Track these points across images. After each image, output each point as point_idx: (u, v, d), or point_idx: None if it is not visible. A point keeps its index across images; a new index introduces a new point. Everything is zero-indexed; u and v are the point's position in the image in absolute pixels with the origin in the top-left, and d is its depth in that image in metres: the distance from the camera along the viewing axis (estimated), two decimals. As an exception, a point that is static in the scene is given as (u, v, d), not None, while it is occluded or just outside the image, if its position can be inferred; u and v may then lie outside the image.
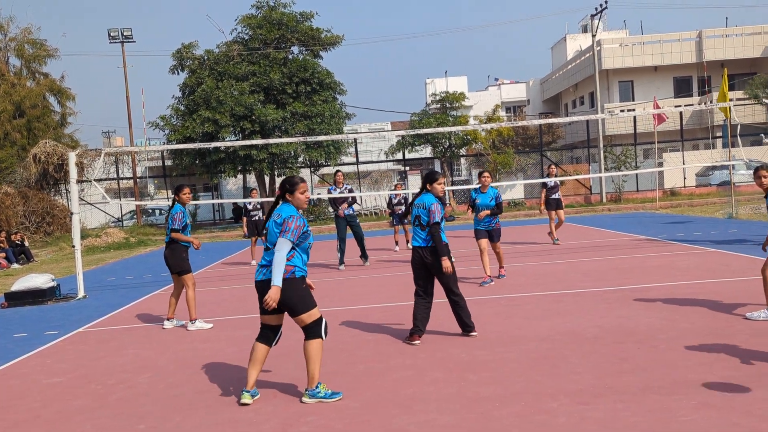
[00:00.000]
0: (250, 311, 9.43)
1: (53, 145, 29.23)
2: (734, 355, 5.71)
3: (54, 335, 8.74)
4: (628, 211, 26.35)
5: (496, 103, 40.53)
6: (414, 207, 7.05)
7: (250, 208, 15.70)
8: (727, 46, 42.43)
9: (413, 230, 7.01)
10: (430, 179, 7.05)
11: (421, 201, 6.97)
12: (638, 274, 10.32)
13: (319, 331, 5.23)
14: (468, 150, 34.08)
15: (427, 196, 6.97)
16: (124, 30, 33.21)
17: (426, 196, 6.99)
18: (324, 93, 29.39)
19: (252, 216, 15.68)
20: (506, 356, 6.17)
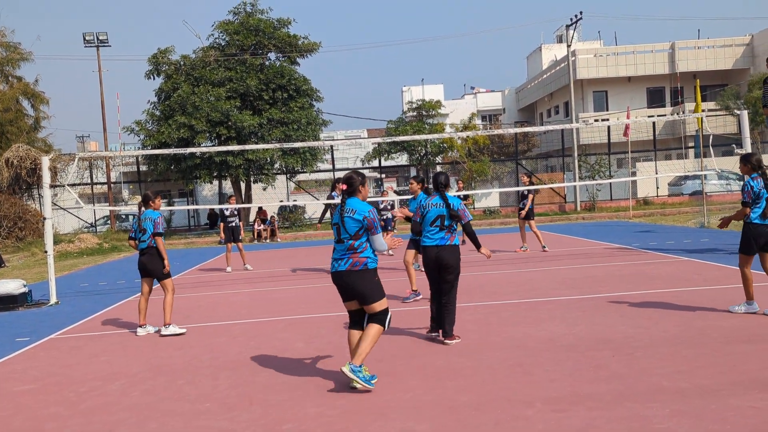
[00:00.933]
0: (224, 318, 9.36)
1: (26, 149, 28.77)
2: (708, 362, 5.78)
3: (25, 342, 8.59)
4: (602, 220, 26.61)
5: (472, 111, 40.84)
6: (433, 207, 7.19)
7: (227, 214, 15.57)
8: (699, 57, 43.19)
9: (427, 230, 7.17)
10: (446, 183, 7.41)
11: (438, 201, 7.20)
12: (612, 282, 10.42)
13: (384, 319, 5.74)
14: (444, 158, 34.23)
15: (453, 198, 7.24)
16: (99, 34, 32.89)
17: (451, 198, 7.24)
18: (301, 100, 29.34)
19: (229, 222, 15.54)
20: (483, 363, 6.19)
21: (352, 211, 5.64)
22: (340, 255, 5.70)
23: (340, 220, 5.70)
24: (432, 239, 7.15)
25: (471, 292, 10.28)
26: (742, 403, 4.74)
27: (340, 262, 5.68)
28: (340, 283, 5.70)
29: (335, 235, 5.76)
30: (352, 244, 5.63)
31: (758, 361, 5.71)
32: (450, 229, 7.15)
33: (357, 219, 5.60)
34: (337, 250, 5.74)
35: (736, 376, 5.35)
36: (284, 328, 8.37)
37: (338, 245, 5.73)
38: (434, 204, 7.21)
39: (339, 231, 5.71)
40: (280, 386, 5.87)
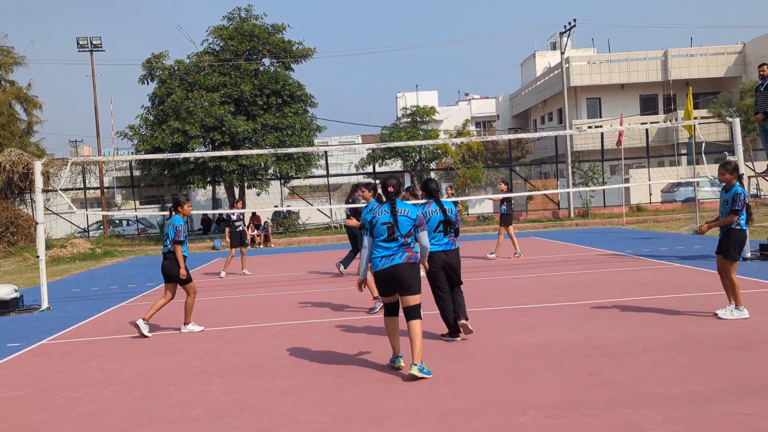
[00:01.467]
0: (216, 323, 9.33)
1: (19, 153, 28.66)
2: (700, 369, 5.79)
3: (16, 347, 8.53)
4: (596, 226, 26.68)
5: (466, 117, 40.87)
6: (434, 214, 7.34)
7: (234, 219, 15.59)
8: (691, 65, 43.44)
9: (433, 237, 7.25)
10: (438, 188, 7.66)
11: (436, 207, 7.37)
12: (605, 288, 10.44)
13: (420, 312, 6.23)
14: (438, 164, 34.27)
15: (448, 203, 7.48)
16: (93, 38, 32.82)
17: (446, 203, 7.47)
18: (295, 105, 29.34)
19: (236, 227, 15.57)
20: (476, 369, 6.18)
21: (405, 211, 6.19)
22: (393, 251, 6.14)
23: (393, 219, 6.15)
24: (438, 245, 7.30)
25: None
26: (734, 409, 4.75)
27: (394, 257, 6.11)
28: (394, 275, 6.09)
29: (384, 233, 6.14)
30: (405, 241, 6.17)
31: (750, 368, 5.72)
32: (453, 233, 7.42)
33: (411, 218, 6.19)
34: (386, 248, 6.15)
35: (728, 383, 5.36)
36: (277, 334, 8.35)
37: (389, 243, 6.16)
38: (434, 210, 7.34)
39: (391, 230, 6.14)
40: (273, 392, 5.85)
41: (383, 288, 6.25)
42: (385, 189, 6.30)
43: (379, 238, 6.18)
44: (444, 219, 7.31)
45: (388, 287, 6.21)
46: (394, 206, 6.20)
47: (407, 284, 6.13)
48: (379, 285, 6.26)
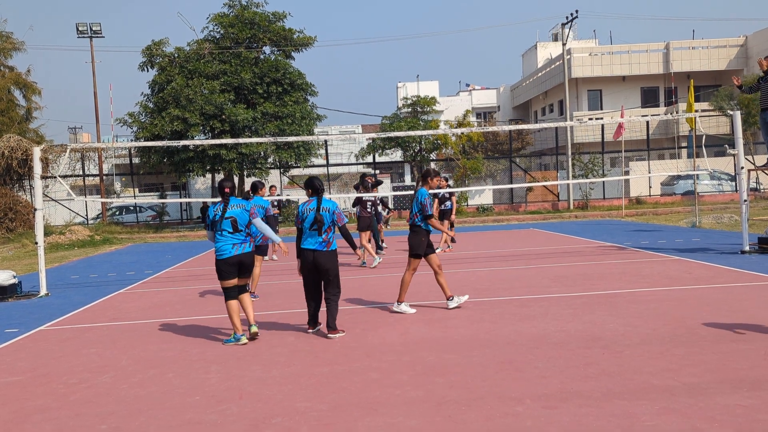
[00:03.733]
0: (215, 311, 9.34)
1: (17, 139, 28.61)
2: (697, 361, 5.80)
3: (14, 333, 8.55)
4: (595, 219, 26.69)
5: (466, 108, 40.78)
6: (311, 212, 7.36)
7: None
8: (693, 58, 43.33)
9: (309, 233, 7.35)
10: (321, 188, 7.59)
11: (314, 206, 7.38)
12: (604, 280, 10.45)
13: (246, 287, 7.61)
14: (438, 154, 34.24)
15: (328, 202, 7.51)
16: (92, 25, 32.68)
17: (328, 202, 7.50)
18: (295, 94, 29.28)
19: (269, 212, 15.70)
20: (473, 360, 6.19)
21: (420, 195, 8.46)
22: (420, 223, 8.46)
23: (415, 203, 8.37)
24: (311, 244, 7.32)
25: (462, 289, 10.29)
26: (730, 401, 4.76)
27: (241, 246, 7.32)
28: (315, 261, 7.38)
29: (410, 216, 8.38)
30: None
31: (747, 360, 5.74)
32: (328, 234, 7.35)
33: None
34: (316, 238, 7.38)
35: (724, 375, 5.37)
36: (275, 322, 8.36)
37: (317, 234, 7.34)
38: (311, 209, 7.37)
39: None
40: (270, 380, 5.86)
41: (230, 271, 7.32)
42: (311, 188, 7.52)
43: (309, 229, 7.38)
44: (315, 218, 7.28)
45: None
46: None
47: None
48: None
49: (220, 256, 7.22)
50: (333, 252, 7.37)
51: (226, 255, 7.20)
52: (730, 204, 27.62)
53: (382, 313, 8.67)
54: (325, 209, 7.33)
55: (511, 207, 32.38)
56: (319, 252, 7.29)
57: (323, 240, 7.28)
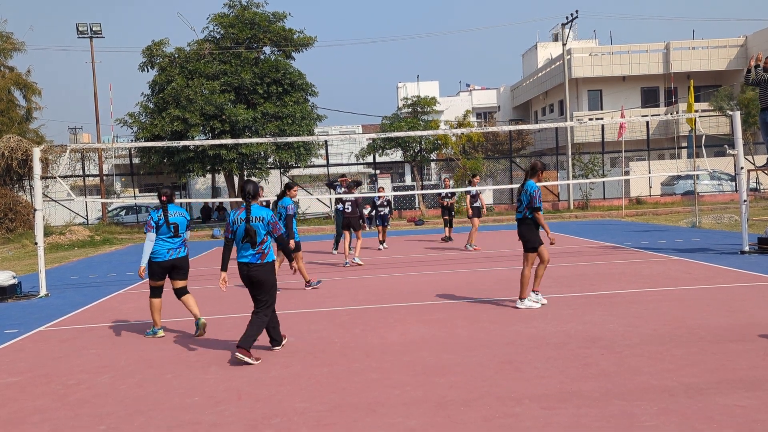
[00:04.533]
0: (214, 312, 9.35)
1: (17, 140, 28.61)
2: (696, 361, 5.79)
3: (14, 333, 8.55)
4: (595, 219, 26.68)
5: (467, 108, 40.78)
6: (242, 222, 6.68)
7: None
8: (693, 58, 43.33)
9: (241, 246, 6.70)
10: (255, 193, 6.80)
11: (244, 215, 6.66)
12: (603, 280, 10.45)
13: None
14: (438, 155, 34.24)
15: (261, 210, 6.72)
16: (93, 25, 32.71)
17: (262, 211, 6.73)
18: (295, 94, 29.28)
19: None
20: (472, 360, 6.19)
21: None
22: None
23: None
24: (243, 256, 6.74)
25: (462, 289, 10.29)
26: (729, 401, 4.76)
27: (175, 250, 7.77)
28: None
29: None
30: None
31: (746, 361, 5.73)
32: (262, 245, 6.68)
33: None
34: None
35: (723, 375, 5.37)
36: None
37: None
38: (242, 219, 6.70)
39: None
40: (269, 381, 5.86)
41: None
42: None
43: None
44: (245, 229, 6.61)
45: None
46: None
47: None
48: None
49: (155, 259, 7.61)
50: (269, 264, 6.68)
51: (160, 258, 7.62)
52: (730, 204, 27.62)
53: (381, 313, 8.66)
54: (257, 219, 6.64)
55: (511, 207, 32.38)
56: (254, 265, 6.63)
57: (257, 252, 6.64)
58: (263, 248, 6.67)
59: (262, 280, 6.64)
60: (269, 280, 6.69)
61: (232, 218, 6.78)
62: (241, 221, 6.67)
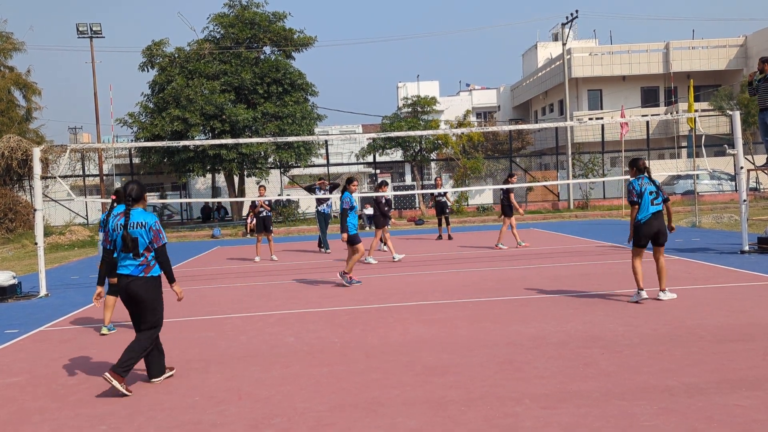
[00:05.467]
0: (215, 312, 9.35)
1: (17, 140, 28.62)
2: (696, 361, 5.80)
3: (14, 334, 8.55)
4: (595, 218, 26.68)
5: (467, 108, 40.79)
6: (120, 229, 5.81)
7: (257, 205, 15.82)
8: (693, 58, 43.33)
9: (122, 257, 5.84)
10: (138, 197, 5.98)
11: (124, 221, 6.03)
12: (603, 280, 10.45)
13: None
14: (438, 154, 34.23)
15: (144, 215, 5.90)
16: (93, 25, 32.66)
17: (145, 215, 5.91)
18: (295, 94, 29.29)
19: (260, 213, 15.76)
20: (472, 360, 6.19)
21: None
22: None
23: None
24: (124, 267, 5.85)
25: (463, 289, 10.29)
26: (729, 401, 4.76)
27: None
28: None
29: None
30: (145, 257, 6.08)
31: (746, 360, 5.74)
32: (147, 255, 5.83)
33: None
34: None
35: (723, 375, 5.37)
36: (275, 323, 8.36)
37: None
38: (121, 225, 5.82)
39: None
40: (270, 381, 5.86)
41: None
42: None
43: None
44: (122, 236, 5.77)
45: None
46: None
47: None
48: None
49: None
50: (153, 279, 5.83)
51: None
52: (729, 204, 27.61)
53: (381, 313, 8.67)
54: (139, 224, 5.78)
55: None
56: (134, 278, 5.77)
57: (140, 263, 5.78)
58: (148, 259, 5.80)
59: (144, 298, 5.80)
60: (152, 298, 5.84)
61: (111, 225, 5.87)
62: (120, 228, 5.79)
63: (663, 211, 8.42)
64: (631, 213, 8.44)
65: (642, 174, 8.51)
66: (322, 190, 16.97)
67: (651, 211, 8.30)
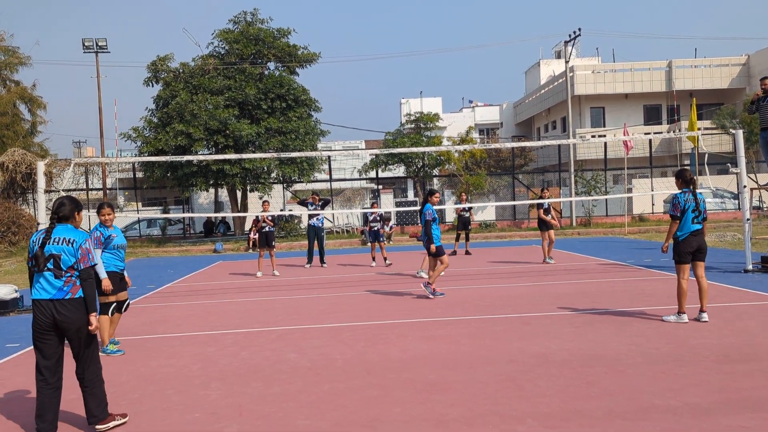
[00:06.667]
0: (216, 327, 9.33)
1: (22, 153, 28.75)
2: (699, 380, 5.76)
3: (15, 348, 8.53)
4: (598, 236, 26.64)
5: (469, 124, 40.90)
6: (55, 245, 5.02)
7: (260, 220, 15.82)
8: (695, 76, 43.44)
9: (40, 276, 4.98)
10: (71, 213, 5.21)
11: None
12: (606, 298, 10.41)
13: None
14: (441, 170, 34.29)
15: (73, 232, 5.12)
16: (98, 40, 32.89)
17: (65, 230, 5.10)
18: (299, 109, 29.39)
19: (263, 228, 15.75)
20: (474, 377, 6.16)
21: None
22: None
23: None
24: (42, 291, 4.98)
25: (464, 305, 10.26)
26: (733, 422, 4.73)
27: None
28: None
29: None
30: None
31: (750, 381, 5.70)
32: (71, 275, 5.01)
33: None
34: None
35: (727, 396, 5.33)
36: (276, 339, 8.34)
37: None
38: (41, 240, 5.06)
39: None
40: (271, 397, 5.83)
41: None
42: None
43: None
44: (51, 254, 4.98)
45: None
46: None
47: None
48: None
49: None
50: (80, 301, 5.00)
51: None
52: (733, 222, 27.57)
53: (382, 329, 8.64)
54: (64, 240, 5.01)
55: (513, 223, 32.36)
56: (60, 302, 4.93)
57: (65, 283, 4.96)
58: (73, 278, 4.99)
59: (75, 324, 4.95)
60: (84, 322, 4.99)
61: (33, 239, 5.14)
62: (36, 243, 5.06)
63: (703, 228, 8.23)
64: (670, 227, 8.26)
65: (688, 187, 8.30)
66: (314, 205, 17.24)
67: (690, 230, 8.13)
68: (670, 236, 8.27)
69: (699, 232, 8.19)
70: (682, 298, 8.23)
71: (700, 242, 8.20)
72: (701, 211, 8.22)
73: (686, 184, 8.36)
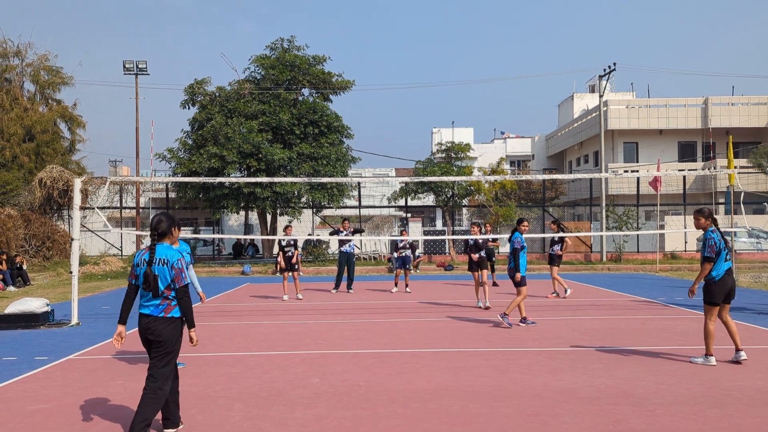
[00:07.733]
0: (241, 349, 9.35)
1: (60, 170, 29.39)
2: (731, 424, 5.61)
3: (44, 361, 8.64)
4: (628, 272, 26.27)
5: (501, 156, 40.85)
6: (154, 265, 5.42)
7: (284, 244, 15.89)
8: (732, 114, 42.96)
9: (143, 294, 5.50)
10: (166, 231, 5.63)
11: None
12: (636, 335, 10.23)
13: None
14: (470, 200, 34.20)
15: (167, 250, 5.52)
16: (139, 62, 33.67)
17: (164, 249, 5.51)
18: (331, 136, 29.63)
19: (286, 252, 15.88)
20: (499, 411, 6.08)
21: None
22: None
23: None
24: (145, 307, 5.48)
25: (491, 337, 10.16)
26: (766, 469, 4.59)
27: None
28: None
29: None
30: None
31: (784, 427, 5.53)
32: (168, 294, 5.43)
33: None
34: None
35: (760, 441, 5.18)
36: (300, 363, 8.32)
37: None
38: (146, 261, 5.46)
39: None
40: (293, 422, 5.81)
41: None
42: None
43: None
44: (145, 273, 5.41)
45: None
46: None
47: None
48: None
49: None
50: (172, 321, 5.41)
51: None
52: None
53: (407, 357, 8.58)
54: (161, 261, 5.40)
55: (542, 256, 32.07)
56: (153, 318, 5.37)
57: (161, 303, 5.40)
58: (169, 299, 5.41)
59: (161, 339, 5.34)
60: (170, 340, 5.37)
61: (136, 260, 5.53)
62: (144, 263, 5.44)
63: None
64: (703, 268, 7.93)
65: (715, 225, 8.11)
66: (344, 231, 17.28)
67: (725, 268, 7.94)
68: (701, 278, 8.02)
69: (731, 270, 8.02)
70: (709, 340, 8.03)
71: (733, 283, 8.03)
72: (730, 248, 8.04)
73: (714, 222, 8.18)
